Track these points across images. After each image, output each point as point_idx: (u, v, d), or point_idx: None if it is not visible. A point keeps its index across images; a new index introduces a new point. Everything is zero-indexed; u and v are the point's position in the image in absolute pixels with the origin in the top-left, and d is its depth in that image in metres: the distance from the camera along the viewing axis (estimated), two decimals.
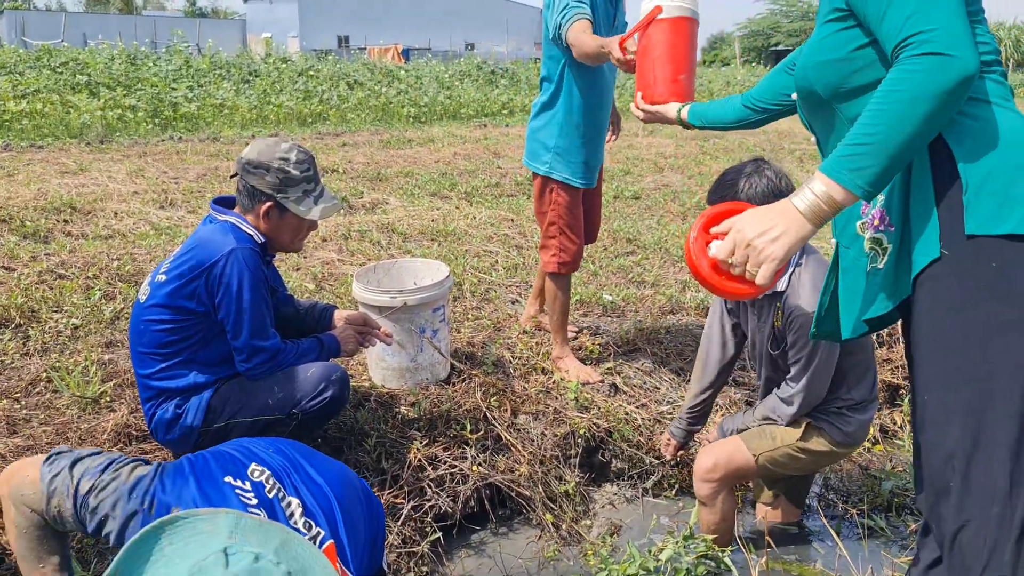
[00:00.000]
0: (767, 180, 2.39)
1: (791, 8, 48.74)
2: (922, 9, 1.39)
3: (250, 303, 2.45)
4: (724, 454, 2.64)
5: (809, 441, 2.58)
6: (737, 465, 2.62)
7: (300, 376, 2.53)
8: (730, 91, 22.45)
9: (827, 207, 1.46)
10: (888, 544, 2.88)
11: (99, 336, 3.69)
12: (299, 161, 2.57)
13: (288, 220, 2.60)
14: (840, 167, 1.43)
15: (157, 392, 2.55)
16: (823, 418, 2.58)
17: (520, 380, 3.54)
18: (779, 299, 2.52)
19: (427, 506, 2.84)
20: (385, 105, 14.96)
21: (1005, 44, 47.12)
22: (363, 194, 7.32)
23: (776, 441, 2.61)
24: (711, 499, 2.67)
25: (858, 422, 2.58)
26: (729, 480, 2.66)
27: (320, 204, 2.61)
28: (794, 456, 2.60)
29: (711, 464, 2.65)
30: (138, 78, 13.35)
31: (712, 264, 1.61)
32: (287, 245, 2.68)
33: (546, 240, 3.56)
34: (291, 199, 2.56)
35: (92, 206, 6.03)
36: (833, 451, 2.61)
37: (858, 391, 2.57)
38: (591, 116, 3.42)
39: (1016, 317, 1.40)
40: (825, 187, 1.45)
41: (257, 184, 2.54)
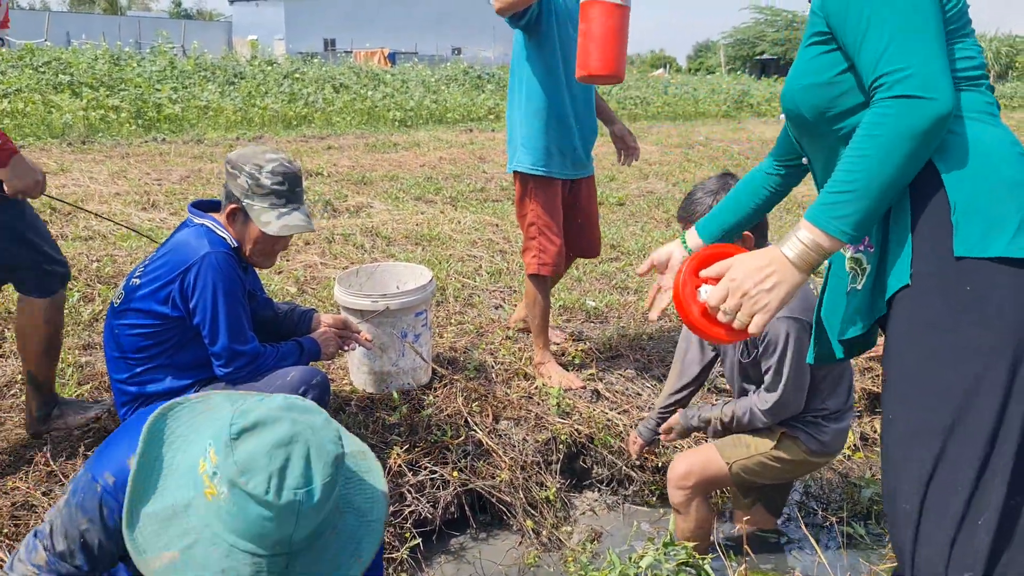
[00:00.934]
0: None
1: (776, 17, 49.05)
2: (896, 44, 1.38)
3: (225, 307, 2.42)
4: (698, 461, 2.64)
5: (783, 450, 2.57)
6: (711, 473, 2.62)
7: (279, 380, 2.51)
8: (715, 98, 22.56)
9: (815, 254, 1.46)
10: (867, 552, 2.88)
11: (77, 338, 3.65)
12: (274, 172, 2.47)
13: (250, 228, 2.51)
14: (824, 215, 1.43)
15: (132, 397, 2.52)
16: (798, 427, 2.58)
17: (502, 386, 3.53)
18: None
19: (407, 512, 2.82)
20: (371, 109, 14.92)
21: (987, 55, 47.67)
22: (347, 197, 7.30)
23: (750, 449, 2.60)
24: (685, 506, 2.67)
25: (834, 431, 2.57)
26: (703, 488, 2.65)
27: (282, 220, 2.48)
28: (768, 465, 2.59)
29: (684, 471, 2.64)
30: (122, 79, 13.24)
31: (702, 309, 1.60)
32: (249, 255, 2.57)
33: (527, 242, 3.56)
34: (255, 207, 2.47)
35: (73, 207, 5.97)
36: (808, 460, 2.60)
37: (833, 400, 2.56)
38: (550, 99, 3.40)
39: (995, 343, 1.38)
40: (811, 235, 1.45)
41: (231, 185, 2.51)
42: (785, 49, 46.66)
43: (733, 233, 2.17)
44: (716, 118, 20.26)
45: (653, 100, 21.19)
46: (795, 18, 48.16)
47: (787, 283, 1.48)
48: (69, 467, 2.68)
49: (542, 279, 3.55)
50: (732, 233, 2.17)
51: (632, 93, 21.66)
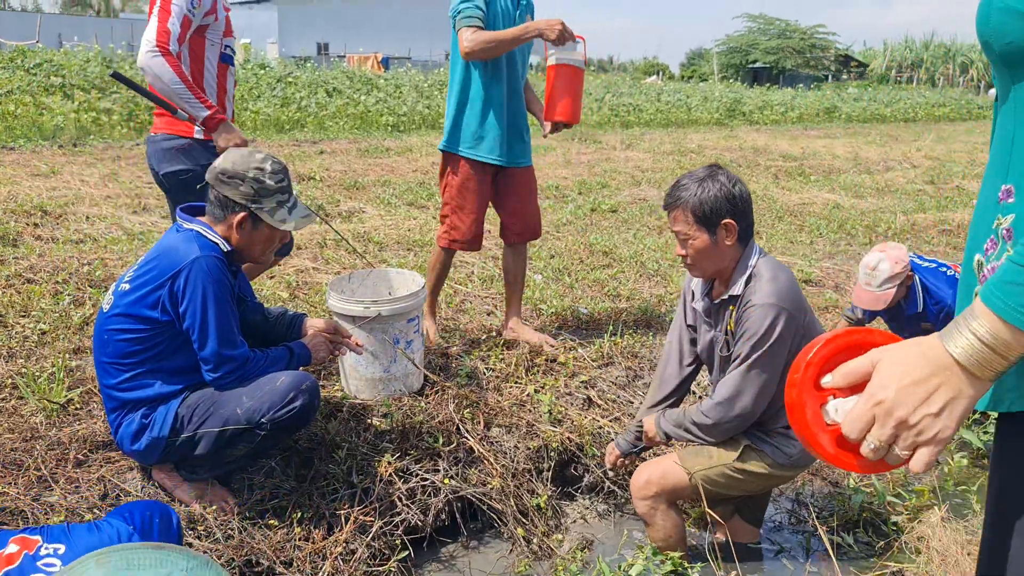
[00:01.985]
0: (719, 185, 2.42)
1: (769, 26, 49.30)
2: None
3: (215, 312, 2.42)
4: (658, 471, 2.63)
5: (747, 462, 2.55)
6: (671, 483, 2.60)
7: (269, 385, 2.50)
8: (708, 106, 22.66)
9: (1002, 357, 0.98)
10: (857, 561, 2.89)
11: (67, 342, 3.64)
12: (274, 171, 2.55)
13: (261, 231, 2.58)
14: (1013, 299, 0.96)
15: (122, 403, 2.51)
16: (766, 440, 2.55)
17: (494, 392, 3.52)
18: (734, 303, 2.51)
19: (397, 520, 2.81)
20: (364, 113, 14.93)
21: (977, 66, 48.02)
22: (339, 202, 7.29)
23: (712, 460, 2.58)
24: (650, 516, 2.66)
25: (801, 446, 2.54)
26: (665, 497, 2.64)
27: (294, 215, 2.60)
28: (731, 476, 2.57)
29: (644, 481, 2.64)
30: (113, 81, 13.21)
31: (834, 437, 1.12)
32: (257, 256, 2.66)
33: (442, 216, 3.88)
34: (265, 209, 2.55)
35: (63, 209, 5.96)
36: (773, 474, 2.57)
37: None
38: (482, 90, 3.64)
39: None
40: (993, 330, 0.98)
41: (230, 194, 2.51)
42: (778, 58, 46.88)
43: None
44: (708, 125, 20.33)
45: (646, 107, 21.26)
46: (787, 27, 48.41)
47: (962, 401, 1.01)
48: (59, 473, 2.66)
49: (447, 251, 3.88)
50: None
51: (625, 100, 21.72)
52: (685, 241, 2.48)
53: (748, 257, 2.50)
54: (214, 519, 2.56)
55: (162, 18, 2.94)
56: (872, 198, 9.19)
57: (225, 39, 3.32)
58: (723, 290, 2.56)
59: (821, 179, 10.64)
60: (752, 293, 2.44)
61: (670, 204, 2.50)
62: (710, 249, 2.46)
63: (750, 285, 2.47)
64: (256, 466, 2.81)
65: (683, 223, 2.46)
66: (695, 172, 2.51)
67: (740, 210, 2.44)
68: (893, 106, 28.09)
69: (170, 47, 2.93)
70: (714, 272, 2.54)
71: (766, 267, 2.48)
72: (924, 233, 7.26)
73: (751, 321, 2.42)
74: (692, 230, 2.45)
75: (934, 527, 2.74)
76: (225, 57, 3.32)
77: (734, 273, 2.51)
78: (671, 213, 2.50)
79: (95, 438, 2.85)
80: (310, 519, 2.68)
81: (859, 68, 52.07)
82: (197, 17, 3.08)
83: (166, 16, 2.94)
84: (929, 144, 16.10)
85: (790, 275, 2.51)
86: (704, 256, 2.48)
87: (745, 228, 2.48)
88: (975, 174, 11.31)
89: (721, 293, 2.57)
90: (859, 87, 37.84)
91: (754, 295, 2.43)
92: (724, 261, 2.50)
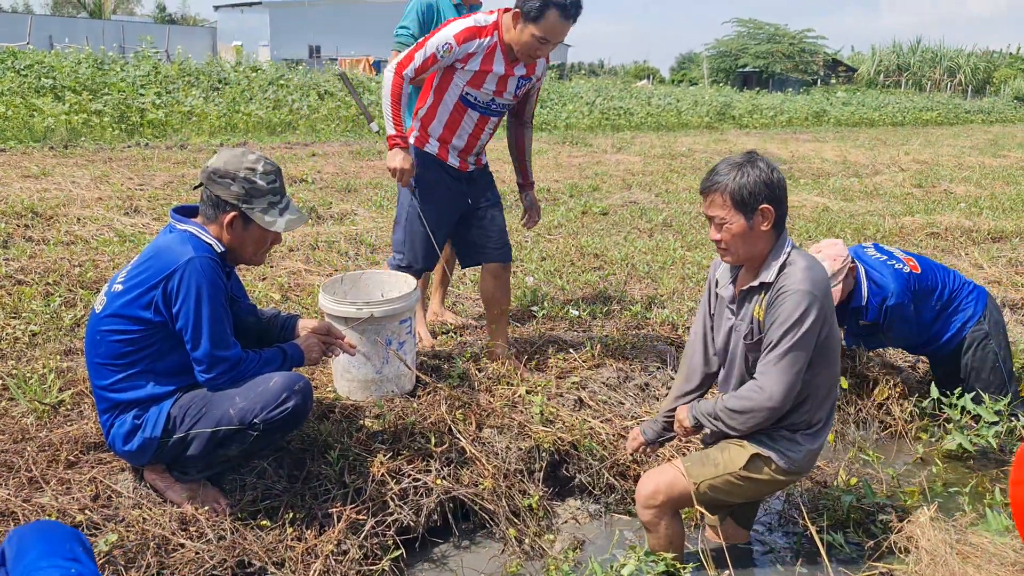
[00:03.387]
0: (758, 171, 2.43)
1: (758, 31, 49.44)
2: None
3: (208, 313, 2.42)
4: (665, 481, 2.63)
5: (752, 470, 2.57)
6: (678, 492, 2.61)
7: (262, 386, 2.50)
8: (698, 110, 22.74)
9: None
10: (847, 561, 2.91)
11: (58, 343, 3.63)
12: (266, 172, 2.55)
13: (252, 231, 2.58)
14: None
15: (114, 404, 2.51)
16: (771, 444, 2.57)
17: (485, 393, 3.53)
18: (765, 290, 2.50)
19: (390, 520, 2.82)
20: (355, 116, 14.92)
21: (964, 71, 48.32)
22: (332, 204, 7.29)
23: (718, 468, 2.59)
24: (654, 525, 2.67)
25: (807, 450, 2.58)
26: (671, 506, 2.65)
27: (285, 216, 2.60)
28: (736, 484, 2.59)
29: (652, 490, 2.64)
30: (105, 83, 13.16)
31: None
32: (249, 257, 2.65)
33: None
34: (256, 210, 2.55)
35: (54, 211, 5.94)
36: (776, 479, 2.60)
37: (821, 410, 2.58)
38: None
39: None
40: None
41: (222, 194, 2.51)
42: (767, 62, 47.04)
43: None
44: (699, 129, 20.40)
45: (636, 111, 21.32)
46: (777, 31, 48.58)
47: None
48: (50, 474, 2.66)
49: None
50: None
51: (616, 104, 21.77)
52: (721, 225, 2.47)
53: (783, 245, 2.51)
54: (206, 520, 2.56)
55: (415, 48, 3.37)
56: (861, 201, 9.24)
57: (471, 88, 3.44)
58: (751, 278, 2.55)
59: (810, 182, 10.69)
60: (787, 278, 2.44)
61: (708, 188, 2.49)
62: (746, 233, 2.46)
63: (784, 272, 2.47)
64: (248, 467, 2.82)
65: (720, 207, 2.46)
66: (732, 157, 2.51)
67: (777, 196, 2.45)
68: (881, 110, 28.26)
69: (405, 71, 3.33)
70: (747, 257, 2.53)
71: (801, 257, 2.49)
72: (912, 236, 7.30)
73: (785, 307, 2.42)
74: (729, 214, 2.45)
75: (923, 527, 2.76)
76: (465, 100, 3.50)
77: (768, 258, 2.50)
78: (708, 197, 2.49)
79: (86, 439, 2.85)
80: (302, 519, 2.68)
81: (847, 72, 52.31)
82: (444, 59, 3.36)
83: (418, 48, 3.35)
84: (917, 148, 16.20)
85: (823, 268, 2.53)
86: (739, 241, 2.47)
87: (781, 215, 2.48)
88: (962, 177, 11.39)
89: (749, 281, 2.56)
90: (848, 91, 38.03)
91: (788, 280, 2.43)
92: (758, 246, 2.49)
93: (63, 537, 1.69)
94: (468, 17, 3.36)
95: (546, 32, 3.24)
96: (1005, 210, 8.74)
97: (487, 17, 3.36)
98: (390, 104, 3.34)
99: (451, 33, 3.30)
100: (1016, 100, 40.90)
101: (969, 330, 3.82)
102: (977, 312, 3.84)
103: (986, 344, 3.80)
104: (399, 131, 3.36)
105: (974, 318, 3.83)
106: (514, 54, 3.38)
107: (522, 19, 3.23)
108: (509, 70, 3.43)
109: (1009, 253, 6.64)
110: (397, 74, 3.32)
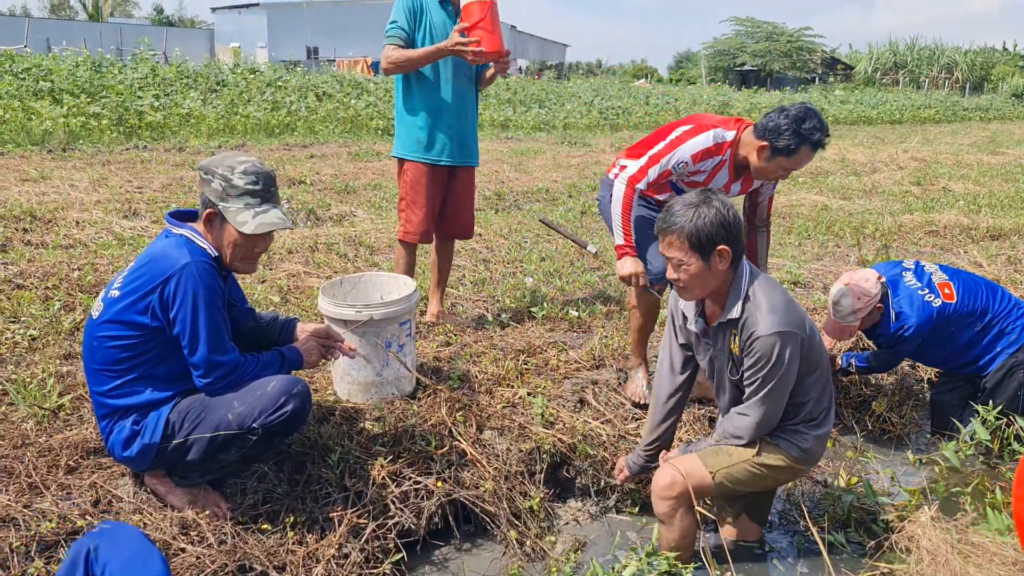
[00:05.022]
0: (715, 211, 2.44)
1: (756, 29, 49.50)
2: None
3: (205, 318, 2.41)
4: (682, 472, 2.65)
5: (766, 457, 2.62)
6: (695, 483, 2.63)
7: (260, 390, 2.50)
8: (696, 109, 22.72)
9: None
10: (848, 560, 2.91)
11: (58, 348, 3.63)
12: (246, 172, 2.48)
13: (228, 231, 2.51)
14: None
15: (112, 410, 2.51)
16: (779, 435, 2.63)
17: (485, 395, 3.53)
18: (734, 326, 2.56)
19: (391, 523, 2.82)
20: (354, 117, 14.92)
21: (961, 68, 48.34)
22: (330, 206, 7.29)
23: (732, 458, 2.63)
24: (669, 517, 2.68)
25: (814, 437, 2.63)
26: (687, 498, 2.66)
27: (259, 219, 2.50)
28: (751, 472, 2.63)
29: (669, 481, 2.65)
30: (103, 86, 13.16)
31: None
32: (231, 261, 2.56)
33: (399, 213, 4.21)
34: (231, 209, 2.49)
35: (53, 215, 5.93)
36: (791, 467, 2.65)
37: (820, 404, 2.64)
38: (425, 98, 3.96)
39: None
40: None
41: (206, 191, 2.51)
42: (765, 61, 47.08)
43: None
44: None
45: (635, 110, 21.33)
46: (775, 30, 48.61)
47: None
48: (51, 479, 2.65)
49: (407, 244, 4.19)
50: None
51: (614, 103, 21.77)
52: (679, 266, 2.50)
53: (740, 278, 2.55)
54: (207, 524, 2.56)
55: (649, 162, 3.33)
56: (859, 199, 9.24)
57: (681, 183, 3.48)
58: (718, 311, 2.60)
59: (809, 181, 10.69)
60: (754, 324, 2.48)
61: (665, 229, 2.50)
62: (704, 274, 2.49)
63: (748, 308, 2.51)
64: (249, 471, 2.81)
65: (678, 249, 2.47)
66: (687, 196, 2.52)
67: (734, 235, 2.48)
68: (879, 108, 28.29)
69: (638, 185, 3.32)
70: (706, 294, 2.58)
71: (761, 292, 2.52)
72: (911, 234, 7.30)
73: (759, 353, 2.47)
74: (687, 256, 2.47)
75: (924, 527, 2.76)
76: (672, 184, 3.53)
77: (728, 296, 2.55)
78: (665, 238, 2.51)
79: (86, 444, 2.85)
80: (303, 523, 2.68)
81: (845, 71, 52.35)
82: (677, 174, 3.37)
83: (652, 163, 3.32)
84: (915, 146, 16.20)
85: (783, 292, 2.56)
86: (697, 280, 2.51)
87: (738, 253, 2.51)
88: (960, 175, 11.39)
89: (717, 315, 2.62)
90: (845, 89, 38.05)
91: (756, 326, 2.47)
92: (716, 284, 2.53)
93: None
94: (708, 131, 3.33)
95: (796, 164, 3.28)
96: (1004, 208, 8.75)
97: (726, 133, 3.34)
98: (620, 214, 3.33)
99: (689, 153, 3.30)
100: (1014, 97, 40.96)
101: (1007, 355, 3.70)
102: (1022, 339, 3.70)
103: (1015, 372, 3.67)
104: (628, 240, 3.35)
105: (1016, 344, 3.70)
106: (741, 170, 3.41)
107: (771, 151, 3.21)
108: (728, 186, 3.47)
109: (1008, 251, 6.64)
110: (630, 186, 3.32)
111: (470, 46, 3.67)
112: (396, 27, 3.85)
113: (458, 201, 4.26)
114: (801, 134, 3.18)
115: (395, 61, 3.83)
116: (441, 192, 4.17)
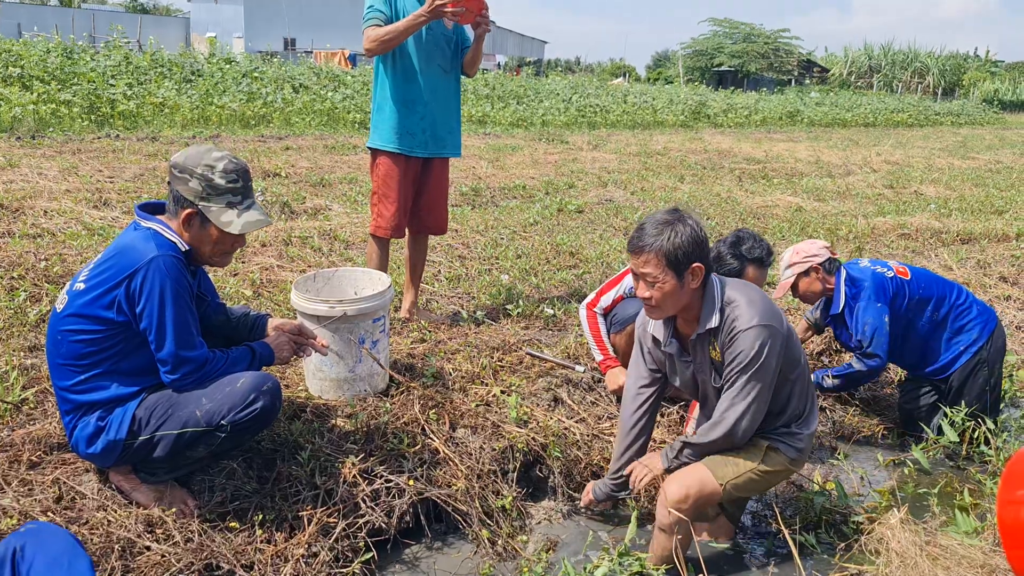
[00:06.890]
0: (690, 229, 2.46)
1: (734, 30, 49.80)
2: None
3: (173, 312, 2.37)
4: (695, 484, 2.62)
5: (769, 463, 2.66)
6: (707, 494, 2.63)
7: (229, 386, 2.45)
8: (673, 108, 22.82)
9: None
10: (819, 560, 2.92)
11: (22, 340, 3.55)
12: (226, 170, 2.45)
13: (209, 230, 2.48)
14: None
15: (77, 405, 2.45)
16: (777, 440, 2.67)
17: (459, 393, 3.51)
18: (713, 335, 2.57)
19: (361, 522, 2.78)
20: (330, 110, 14.80)
21: (933, 73, 48.98)
22: (305, 199, 7.21)
23: (739, 467, 2.65)
24: (671, 528, 2.64)
25: (806, 437, 2.70)
26: (696, 508, 2.65)
27: (244, 218, 2.48)
28: (755, 479, 2.66)
29: (683, 495, 2.60)
30: (74, 73, 12.93)
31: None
32: (208, 258, 2.55)
33: (371, 206, 4.22)
34: (213, 209, 2.45)
35: (20, 203, 5.81)
36: (788, 469, 2.72)
37: (805, 399, 2.70)
38: (401, 88, 4.01)
39: None
40: None
41: (182, 190, 2.45)
42: (742, 61, 47.38)
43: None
44: (674, 127, 20.48)
45: (612, 108, 21.36)
46: (752, 31, 48.93)
47: None
48: (12, 475, 2.59)
49: (378, 239, 4.19)
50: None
51: (592, 101, 21.79)
52: (653, 284, 2.50)
53: (712, 290, 2.56)
54: (173, 522, 2.51)
55: (603, 290, 3.76)
56: (834, 201, 9.32)
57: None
58: (694, 325, 2.61)
59: (784, 182, 10.76)
60: (734, 320, 2.50)
61: (639, 248, 2.50)
62: (677, 292, 2.50)
63: (727, 313, 2.52)
64: (217, 467, 2.77)
65: (654, 267, 2.47)
66: (657, 215, 2.53)
67: (706, 253, 2.50)
68: (854, 111, 28.56)
69: (595, 308, 3.72)
70: (675, 312, 2.59)
71: (736, 292, 2.55)
72: (884, 237, 7.37)
73: (739, 346, 2.48)
74: (662, 274, 2.47)
75: (893, 529, 2.77)
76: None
77: (703, 309, 2.56)
78: (640, 256, 2.50)
79: (50, 439, 2.79)
80: (272, 521, 2.64)
81: (821, 73, 52.85)
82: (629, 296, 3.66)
83: (605, 291, 3.74)
84: (888, 149, 16.38)
85: (759, 290, 2.60)
86: (670, 299, 2.52)
87: (709, 269, 2.54)
88: (932, 179, 11.53)
89: (691, 330, 2.62)
90: (821, 92, 38.41)
91: (737, 321, 2.49)
92: (686, 300, 2.55)
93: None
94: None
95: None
96: (974, 212, 8.86)
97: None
98: (592, 337, 3.71)
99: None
100: (984, 103, 41.55)
101: (971, 354, 3.74)
102: (983, 337, 3.74)
103: (979, 371, 3.72)
104: (606, 355, 3.70)
105: (978, 343, 3.74)
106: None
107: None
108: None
109: (978, 255, 6.72)
110: (589, 310, 3.72)
111: (449, 5, 3.73)
112: (374, 10, 3.90)
113: (431, 195, 4.27)
114: (741, 256, 3.47)
115: (377, 38, 3.86)
116: (413, 185, 4.19)
